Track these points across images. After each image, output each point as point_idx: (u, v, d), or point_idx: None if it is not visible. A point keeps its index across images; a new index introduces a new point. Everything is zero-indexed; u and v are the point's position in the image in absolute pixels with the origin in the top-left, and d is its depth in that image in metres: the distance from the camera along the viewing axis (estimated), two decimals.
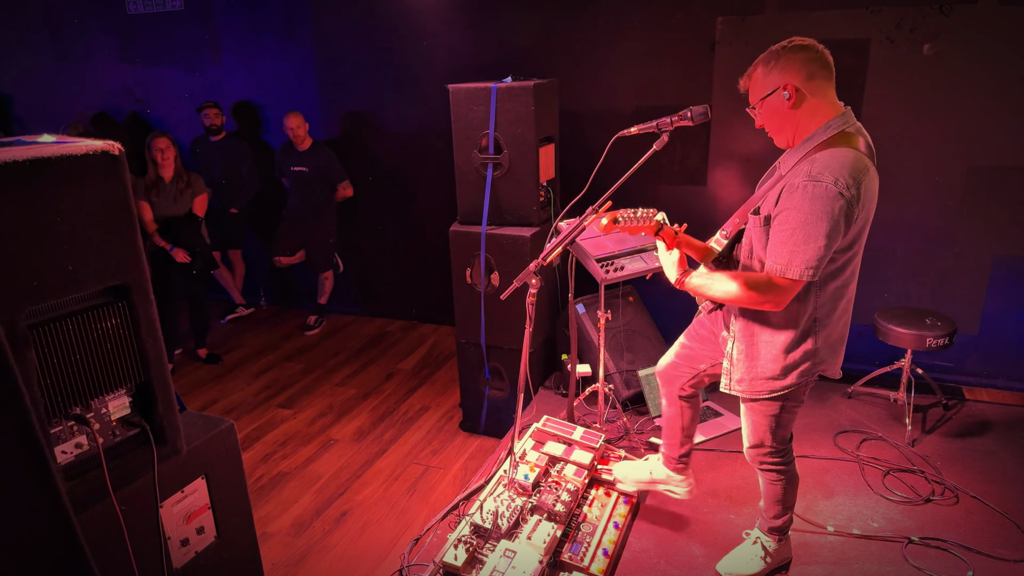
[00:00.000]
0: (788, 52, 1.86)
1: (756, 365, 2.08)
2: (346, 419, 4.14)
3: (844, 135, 1.85)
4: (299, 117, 4.97)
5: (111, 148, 1.49)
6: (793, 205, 1.78)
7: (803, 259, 1.78)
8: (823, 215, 1.74)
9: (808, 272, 1.79)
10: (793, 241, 1.78)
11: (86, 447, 1.55)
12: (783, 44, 1.90)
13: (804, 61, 1.85)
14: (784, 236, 1.80)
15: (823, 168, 1.76)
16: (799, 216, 1.76)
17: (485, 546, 2.46)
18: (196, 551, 1.85)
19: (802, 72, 1.85)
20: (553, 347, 4.00)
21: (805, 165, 1.81)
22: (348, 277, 5.74)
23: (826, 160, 1.78)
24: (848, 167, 1.76)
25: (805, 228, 1.76)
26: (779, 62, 1.87)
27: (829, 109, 1.89)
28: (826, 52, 1.89)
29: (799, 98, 1.87)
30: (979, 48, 3.45)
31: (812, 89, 1.86)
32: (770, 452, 2.23)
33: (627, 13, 4.09)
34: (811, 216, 1.75)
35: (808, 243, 1.76)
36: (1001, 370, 3.82)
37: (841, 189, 1.73)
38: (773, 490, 2.32)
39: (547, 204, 3.71)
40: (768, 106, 1.93)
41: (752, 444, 2.26)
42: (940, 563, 2.46)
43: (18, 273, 1.34)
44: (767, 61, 1.91)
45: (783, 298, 1.85)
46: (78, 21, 5.89)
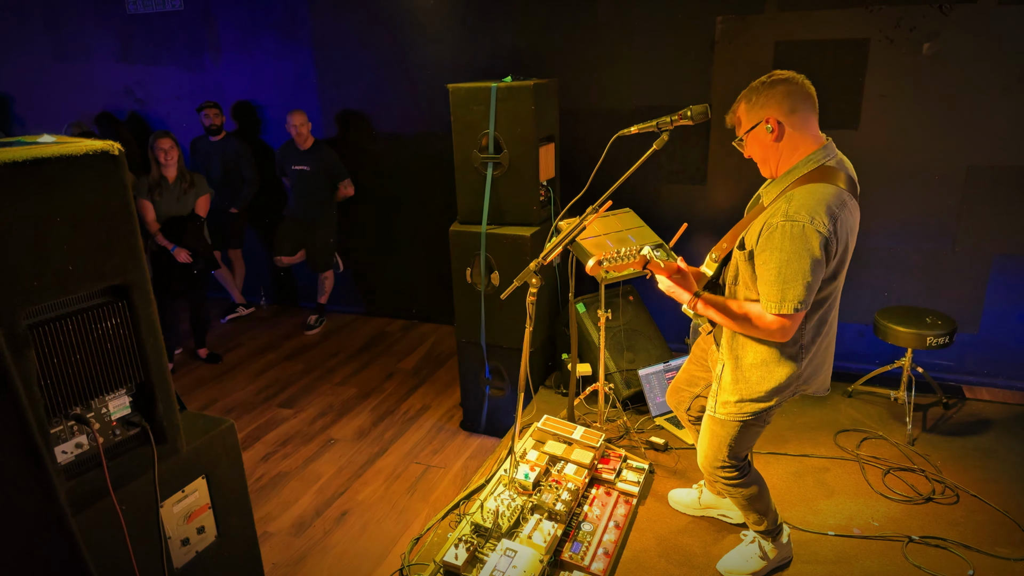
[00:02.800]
0: (769, 87, 1.91)
1: (743, 389, 2.11)
2: (346, 418, 4.14)
3: (824, 170, 1.89)
4: (303, 115, 4.99)
5: (111, 148, 1.49)
6: (774, 245, 1.83)
7: (794, 295, 1.84)
8: (803, 252, 1.80)
9: (801, 306, 1.85)
10: (782, 279, 1.84)
11: (86, 447, 1.55)
12: (764, 79, 1.94)
13: (786, 94, 1.89)
14: (771, 276, 1.86)
15: (799, 207, 1.81)
16: (781, 256, 1.82)
17: (486, 545, 2.46)
18: (196, 551, 1.86)
19: (784, 105, 1.89)
20: (553, 346, 4.00)
21: (783, 203, 1.85)
22: (348, 277, 5.74)
23: (803, 198, 1.82)
24: (824, 204, 1.81)
25: (789, 266, 1.82)
26: (761, 96, 1.92)
27: (811, 142, 1.93)
28: (807, 84, 1.92)
29: (781, 131, 1.91)
30: (979, 48, 3.45)
31: (794, 122, 1.90)
32: (724, 467, 2.26)
33: (627, 13, 4.09)
34: (792, 255, 1.81)
35: (796, 279, 1.82)
36: (1001, 369, 3.82)
37: (817, 227, 1.79)
38: (737, 501, 2.35)
39: (547, 204, 3.71)
40: (753, 139, 1.98)
41: (708, 459, 2.29)
42: (940, 562, 2.46)
43: (18, 273, 1.34)
44: (749, 96, 1.96)
45: (787, 331, 1.91)
46: (78, 21, 5.89)
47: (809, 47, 3.73)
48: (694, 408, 2.51)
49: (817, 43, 3.71)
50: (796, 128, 1.91)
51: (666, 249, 3.28)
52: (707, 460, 2.30)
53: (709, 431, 2.26)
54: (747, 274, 1.99)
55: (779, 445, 3.20)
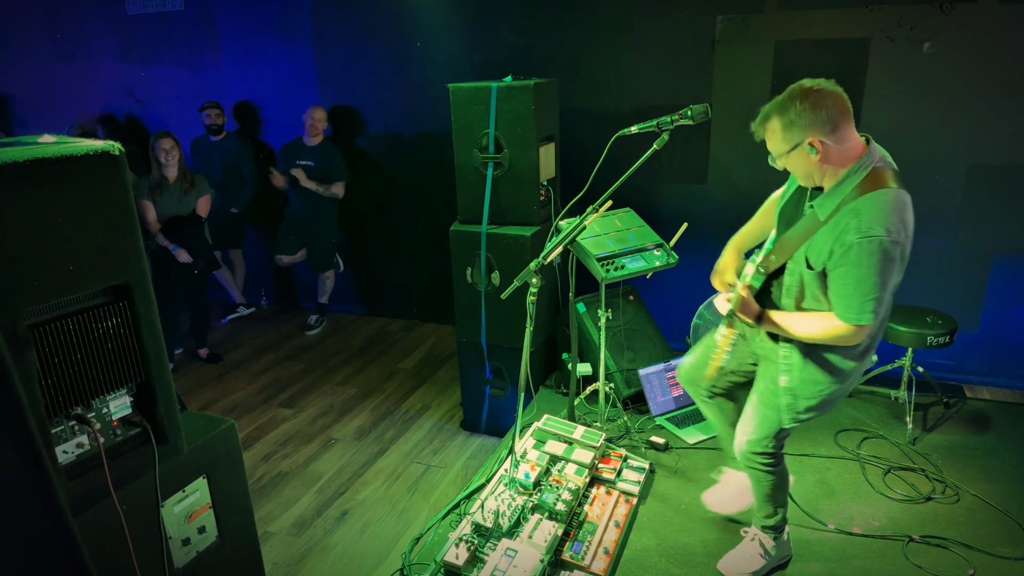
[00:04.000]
0: (810, 109, 1.82)
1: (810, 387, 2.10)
2: (347, 418, 4.14)
3: (875, 174, 1.86)
4: (324, 112, 5.06)
5: (111, 148, 1.49)
6: (851, 262, 1.83)
7: (872, 307, 1.85)
8: (882, 266, 1.81)
9: (878, 313, 1.88)
10: (860, 293, 1.84)
11: (87, 447, 1.55)
12: (798, 95, 1.85)
13: (826, 115, 1.82)
14: (849, 289, 1.86)
15: (872, 221, 1.79)
16: (860, 271, 1.82)
17: (486, 545, 2.46)
18: (197, 551, 1.86)
19: (826, 126, 1.83)
20: (554, 346, 4.00)
21: (851, 219, 1.82)
22: (349, 277, 5.74)
23: (872, 211, 1.81)
24: (893, 211, 1.81)
25: (868, 280, 1.82)
26: (800, 118, 1.84)
27: (855, 150, 1.89)
28: (841, 93, 1.86)
29: (825, 150, 1.85)
30: (979, 47, 3.45)
31: (837, 138, 1.85)
32: (765, 452, 2.26)
33: (627, 12, 4.08)
34: (871, 270, 1.81)
35: (874, 291, 1.83)
36: (1002, 368, 3.82)
37: (894, 237, 1.79)
38: (761, 489, 2.35)
39: (547, 203, 3.71)
40: (793, 159, 1.92)
41: (752, 438, 2.27)
42: (941, 561, 2.46)
43: (19, 273, 1.34)
44: (783, 112, 1.87)
45: (857, 338, 1.92)
46: (78, 21, 5.89)
47: (809, 46, 3.73)
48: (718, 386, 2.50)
49: (817, 42, 3.71)
50: (839, 142, 1.86)
51: (666, 248, 3.28)
52: (750, 442, 2.28)
53: (760, 414, 2.23)
54: (815, 287, 1.98)
55: None
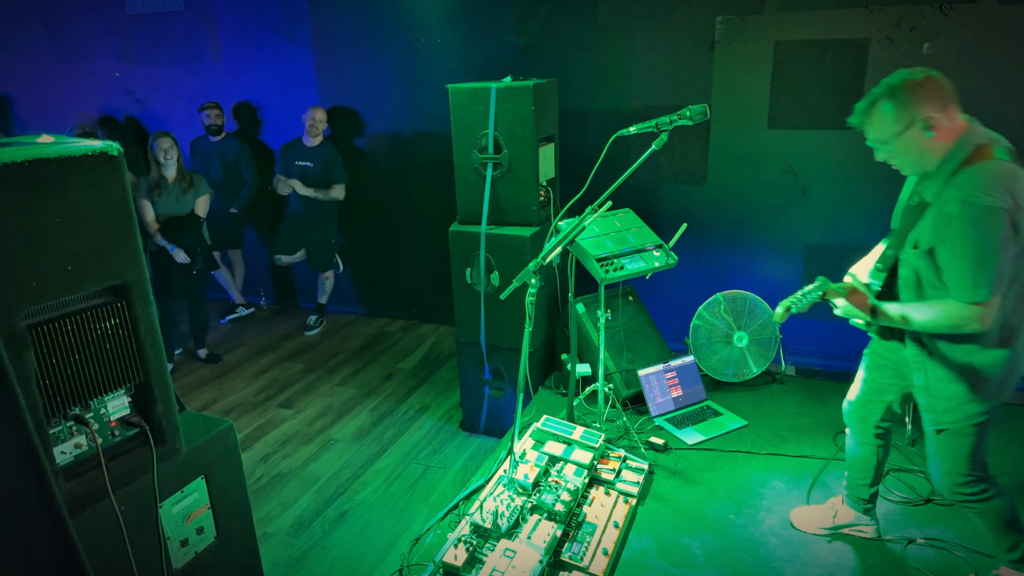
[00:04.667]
0: (921, 86, 1.87)
1: (960, 390, 2.01)
2: (346, 419, 4.14)
3: (980, 148, 1.86)
4: (324, 112, 5.05)
5: (110, 149, 1.49)
6: (955, 233, 1.80)
7: (986, 279, 1.79)
8: (989, 233, 1.77)
9: (996, 290, 1.80)
10: (971, 266, 1.80)
11: (85, 447, 1.55)
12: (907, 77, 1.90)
13: (936, 89, 1.87)
14: (958, 264, 1.82)
15: (972, 188, 1.78)
16: (965, 242, 1.79)
17: (485, 546, 2.46)
18: (196, 551, 1.86)
19: (936, 100, 1.86)
20: (553, 347, 4.00)
21: (952, 190, 1.82)
22: (348, 277, 5.74)
23: (972, 179, 1.80)
24: (995, 178, 1.79)
25: (976, 251, 1.78)
26: (915, 95, 1.87)
27: (959, 128, 1.90)
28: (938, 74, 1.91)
29: (938, 127, 1.87)
30: (978, 48, 3.44)
31: (946, 116, 1.87)
32: (968, 482, 2.12)
33: (627, 13, 4.08)
34: (978, 238, 1.78)
35: (984, 263, 1.79)
36: None
37: (996, 203, 1.75)
38: (988, 521, 2.17)
39: (547, 204, 3.71)
40: (904, 141, 1.91)
41: (945, 469, 2.14)
42: (941, 563, 2.46)
43: (17, 273, 1.34)
44: (895, 94, 1.89)
45: (983, 320, 1.84)
46: (78, 21, 5.89)
47: (809, 47, 3.73)
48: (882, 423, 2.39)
49: (817, 43, 3.71)
50: (948, 120, 1.88)
51: (666, 249, 3.28)
52: (948, 479, 2.14)
53: (941, 447, 2.12)
54: (929, 272, 1.94)
55: (779, 446, 3.20)
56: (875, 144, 1.98)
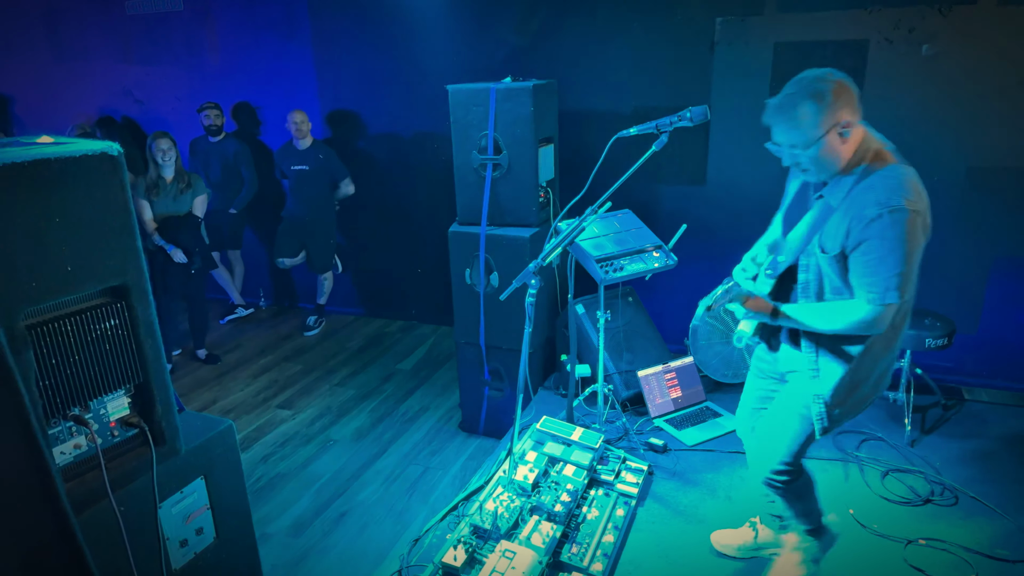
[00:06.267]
0: (843, 88, 1.83)
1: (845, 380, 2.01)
2: (345, 419, 4.14)
3: (880, 154, 1.87)
4: (303, 114, 5.02)
5: (109, 149, 1.49)
6: (874, 235, 1.79)
7: (896, 283, 1.80)
8: (907, 238, 1.76)
9: (904, 292, 1.81)
10: (884, 268, 1.79)
11: (85, 448, 1.55)
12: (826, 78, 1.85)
13: (850, 93, 1.85)
14: (872, 267, 1.81)
15: (890, 192, 1.78)
16: (884, 244, 1.78)
17: (485, 547, 2.46)
18: (195, 552, 1.85)
19: (850, 106, 1.84)
20: (553, 347, 4.00)
21: (867, 195, 1.81)
22: (348, 277, 5.74)
23: (886, 184, 1.80)
24: (906, 182, 1.79)
25: (893, 254, 1.78)
26: (839, 98, 1.82)
27: (860, 132, 1.89)
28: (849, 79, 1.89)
29: (854, 132, 1.85)
30: (978, 48, 3.45)
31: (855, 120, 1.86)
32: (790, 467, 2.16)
33: (626, 13, 4.08)
34: (895, 242, 1.77)
35: (900, 267, 1.78)
36: (1000, 370, 3.82)
37: (915, 207, 1.76)
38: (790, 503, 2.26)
39: (546, 204, 3.71)
40: (823, 145, 1.85)
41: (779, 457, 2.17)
42: (940, 564, 2.46)
43: (17, 273, 1.34)
44: (818, 96, 1.83)
45: (880, 323, 1.85)
46: (78, 22, 5.88)
47: (808, 48, 3.73)
48: None
49: (816, 44, 3.71)
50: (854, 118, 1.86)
51: (665, 250, 3.28)
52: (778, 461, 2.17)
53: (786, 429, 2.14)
54: (835, 277, 1.92)
55: None
56: (787, 147, 1.89)
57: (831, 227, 1.89)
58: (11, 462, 1.21)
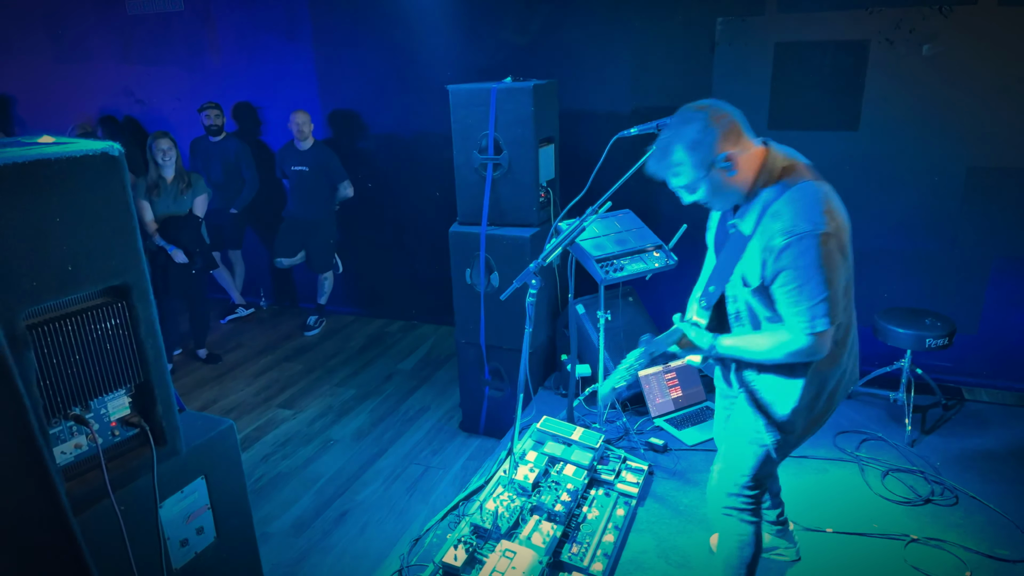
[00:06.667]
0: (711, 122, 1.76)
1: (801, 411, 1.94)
2: (346, 419, 4.14)
3: (785, 172, 1.80)
4: (306, 115, 5.02)
5: (110, 149, 1.49)
6: (787, 265, 1.73)
7: (823, 310, 1.74)
8: (819, 263, 1.70)
9: (832, 318, 1.75)
10: (806, 297, 1.74)
11: (85, 447, 1.55)
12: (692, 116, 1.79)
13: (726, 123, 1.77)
14: (794, 297, 1.76)
15: (795, 219, 1.71)
16: (800, 274, 1.72)
17: (485, 546, 2.46)
18: (196, 551, 1.86)
19: (731, 136, 1.77)
20: (553, 347, 4.00)
21: (774, 223, 1.75)
22: (348, 277, 5.74)
23: (792, 209, 1.73)
24: (813, 204, 1.72)
25: (811, 282, 1.72)
26: (707, 135, 1.76)
27: (758, 156, 1.82)
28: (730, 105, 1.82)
29: (738, 162, 1.78)
30: (978, 49, 3.45)
31: (742, 147, 1.79)
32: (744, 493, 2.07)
33: (627, 13, 4.09)
34: (810, 269, 1.71)
35: (820, 294, 1.73)
36: (1001, 370, 3.82)
37: (823, 229, 1.69)
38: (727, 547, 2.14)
39: (547, 204, 3.71)
40: (709, 183, 1.81)
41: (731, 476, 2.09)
42: (940, 564, 2.46)
43: (17, 273, 1.34)
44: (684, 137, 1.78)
45: (819, 349, 1.79)
46: (78, 22, 5.89)
47: (809, 48, 3.73)
48: None
49: (817, 44, 3.71)
50: (745, 150, 1.80)
51: (666, 250, 3.28)
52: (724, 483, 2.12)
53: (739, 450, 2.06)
54: (763, 308, 1.89)
55: None
56: (679, 191, 1.88)
57: (748, 258, 1.83)
58: (11, 462, 1.21)
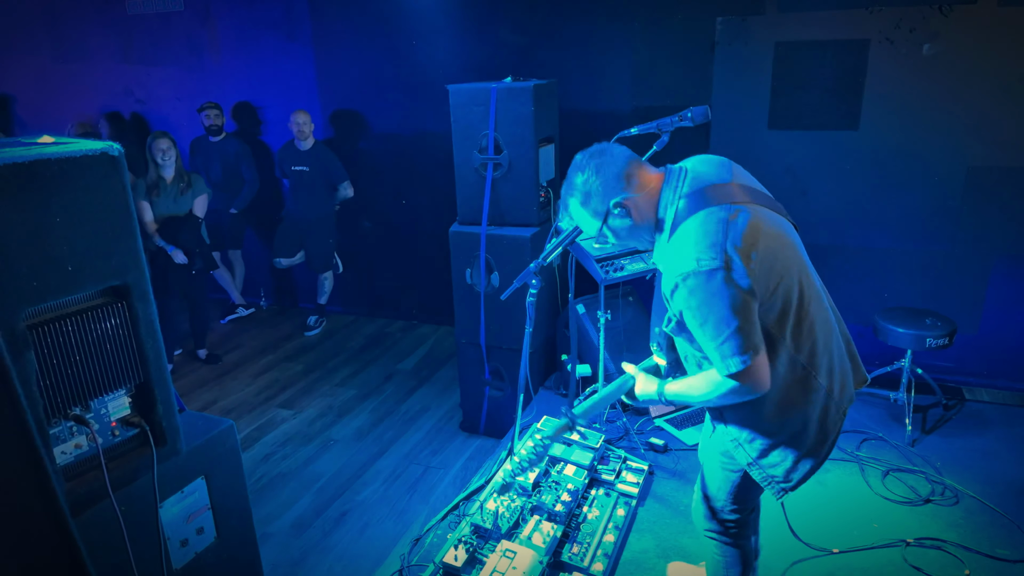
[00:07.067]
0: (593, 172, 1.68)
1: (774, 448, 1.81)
2: (346, 419, 4.14)
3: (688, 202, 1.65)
4: (307, 114, 5.02)
5: (110, 149, 1.49)
6: (682, 307, 1.62)
7: (731, 349, 1.57)
8: (712, 302, 1.55)
9: (749, 352, 1.56)
10: (710, 339, 1.59)
11: (85, 447, 1.55)
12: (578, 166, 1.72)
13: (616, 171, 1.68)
14: (700, 334, 1.62)
15: (678, 260, 1.59)
16: (697, 314, 1.59)
17: (485, 546, 2.46)
18: (196, 551, 1.86)
19: (620, 183, 1.67)
20: (553, 347, 4.00)
21: (666, 263, 1.66)
22: (348, 277, 5.74)
23: (676, 249, 1.62)
24: (700, 237, 1.58)
25: (709, 321, 1.57)
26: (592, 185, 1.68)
27: (655, 191, 1.70)
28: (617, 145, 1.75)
29: (634, 206, 1.68)
30: (978, 48, 3.44)
31: (637, 188, 1.68)
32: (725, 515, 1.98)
33: (627, 13, 4.09)
34: (702, 310, 1.57)
35: (722, 333, 1.56)
36: (1001, 370, 3.81)
37: (709, 265, 1.54)
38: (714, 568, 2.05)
39: (547, 204, 3.71)
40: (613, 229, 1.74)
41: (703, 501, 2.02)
42: (939, 564, 2.46)
43: (18, 274, 1.34)
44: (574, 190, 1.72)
45: (756, 381, 1.60)
46: (78, 21, 5.89)
47: (809, 48, 3.73)
48: None
49: (817, 44, 3.71)
50: (640, 191, 1.68)
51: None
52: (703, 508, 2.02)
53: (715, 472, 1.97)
54: (691, 349, 1.77)
55: None
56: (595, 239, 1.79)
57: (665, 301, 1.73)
58: (11, 462, 1.21)
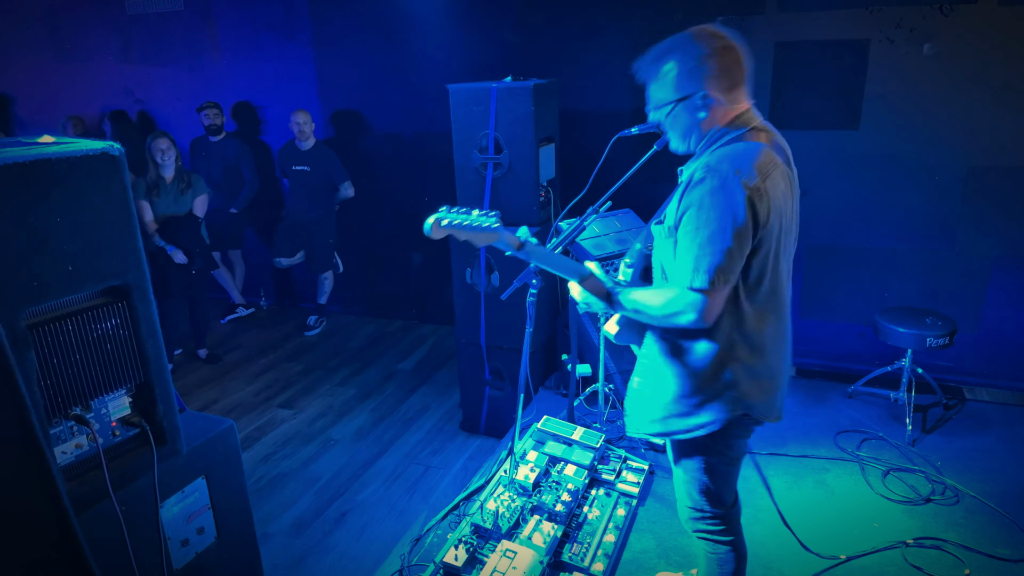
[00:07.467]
0: (716, 56, 1.60)
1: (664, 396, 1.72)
2: (346, 419, 4.14)
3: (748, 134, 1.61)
4: (307, 114, 5.02)
5: (110, 149, 1.49)
6: (694, 202, 1.53)
7: (707, 264, 1.50)
8: (726, 209, 1.49)
9: (720, 277, 1.50)
10: (697, 244, 1.52)
11: (86, 447, 1.55)
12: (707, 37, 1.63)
13: (731, 67, 1.60)
14: (688, 240, 1.54)
15: (722, 159, 1.54)
16: (700, 214, 1.52)
17: (485, 546, 2.46)
18: (196, 551, 1.86)
19: (725, 82, 1.59)
20: (554, 347, 4.00)
21: (704, 159, 1.59)
22: (348, 277, 5.74)
23: (725, 152, 1.56)
24: (745, 155, 1.54)
25: (708, 225, 1.50)
26: (703, 66, 1.59)
27: (735, 111, 1.63)
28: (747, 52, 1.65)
29: (713, 111, 1.61)
30: (979, 48, 3.44)
31: (730, 99, 1.61)
32: (703, 516, 1.88)
33: (627, 13, 4.08)
34: (711, 211, 1.50)
35: (713, 242, 1.50)
36: (1001, 369, 3.81)
37: (743, 178, 1.49)
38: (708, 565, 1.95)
39: (547, 204, 3.71)
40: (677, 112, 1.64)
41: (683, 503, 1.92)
42: (940, 563, 2.46)
43: (18, 273, 1.34)
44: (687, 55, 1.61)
45: (701, 313, 1.53)
46: (78, 21, 5.89)
47: (809, 48, 3.73)
48: None
49: (817, 44, 3.71)
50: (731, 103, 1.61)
51: None
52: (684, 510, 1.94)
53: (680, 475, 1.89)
54: (670, 256, 1.67)
55: (779, 446, 3.20)
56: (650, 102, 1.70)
57: (673, 198, 1.67)
58: (12, 462, 1.21)
